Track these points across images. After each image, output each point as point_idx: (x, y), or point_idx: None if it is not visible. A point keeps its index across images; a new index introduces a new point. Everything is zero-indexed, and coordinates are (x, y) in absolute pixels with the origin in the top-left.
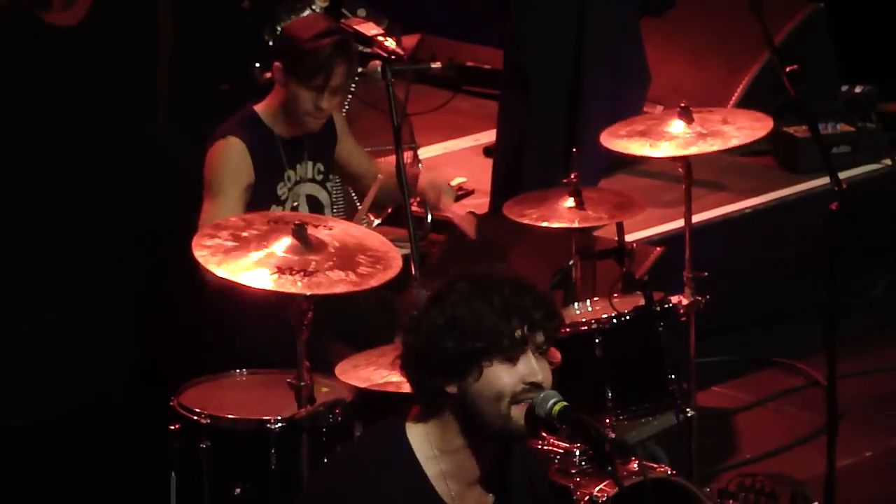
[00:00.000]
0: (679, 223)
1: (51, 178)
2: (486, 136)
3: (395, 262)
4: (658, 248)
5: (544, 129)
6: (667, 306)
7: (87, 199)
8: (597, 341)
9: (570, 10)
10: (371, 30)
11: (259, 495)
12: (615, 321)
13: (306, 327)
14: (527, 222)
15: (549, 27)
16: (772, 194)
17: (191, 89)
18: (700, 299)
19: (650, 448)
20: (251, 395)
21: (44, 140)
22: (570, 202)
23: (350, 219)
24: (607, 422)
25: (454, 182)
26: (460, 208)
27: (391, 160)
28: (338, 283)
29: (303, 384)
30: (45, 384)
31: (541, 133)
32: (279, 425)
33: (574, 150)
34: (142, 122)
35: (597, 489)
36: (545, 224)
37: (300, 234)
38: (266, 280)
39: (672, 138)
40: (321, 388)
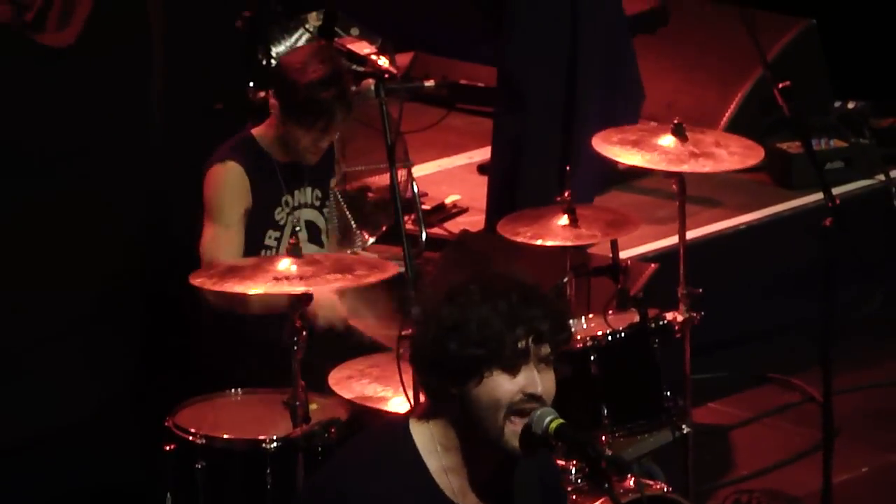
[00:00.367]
0: (673, 240)
1: (46, 197)
2: (480, 154)
3: (390, 269)
4: (652, 265)
5: (538, 146)
6: (662, 323)
7: (82, 218)
8: (592, 358)
9: (563, 27)
10: (364, 48)
11: None
12: (610, 338)
13: (301, 346)
14: (521, 240)
15: (543, 45)
16: (766, 210)
17: (184, 109)
18: (695, 315)
19: (646, 465)
20: (246, 415)
21: (38, 161)
22: (564, 220)
23: (345, 242)
24: (603, 439)
25: (448, 200)
26: (454, 226)
27: (385, 178)
28: (335, 281)
29: (298, 403)
30: (40, 404)
31: (535, 151)
32: (274, 445)
33: (568, 168)
34: (135, 143)
35: None
36: (539, 242)
37: (295, 252)
38: (265, 286)
39: (663, 153)
40: (311, 405)
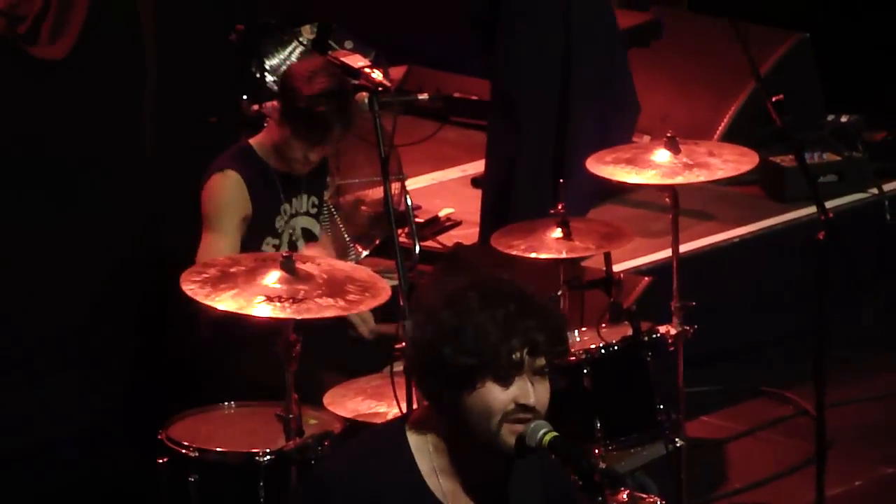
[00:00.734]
0: (666, 253)
1: (39, 210)
2: (473, 167)
3: (383, 291)
4: (646, 278)
5: (532, 159)
6: (655, 336)
7: (75, 230)
8: (585, 372)
9: (557, 40)
10: (358, 61)
11: None
12: (603, 351)
13: (295, 359)
14: (515, 253)
15: (536, 58)
16: (759, 224)
17: (177, 122)
18: (688, 329)
19: (640, 478)
20: (239, 428)
21: (32, 173)
22: (557, 233)
23: (339, 251)
24: (596, 452)
25: (442, 213)
26: (448, 239)
27: (379, 191)
28: (327, 308)
29: (291, 416)
30: (33, 416)
31: (529, 164)
32: (268, 458)
33: (561, 181)
34: (128, 156)
35: None
36: (533, 255)
37: (288, 266)
38: (255, 308)
39: (657, 167)
40: (309, 420)
